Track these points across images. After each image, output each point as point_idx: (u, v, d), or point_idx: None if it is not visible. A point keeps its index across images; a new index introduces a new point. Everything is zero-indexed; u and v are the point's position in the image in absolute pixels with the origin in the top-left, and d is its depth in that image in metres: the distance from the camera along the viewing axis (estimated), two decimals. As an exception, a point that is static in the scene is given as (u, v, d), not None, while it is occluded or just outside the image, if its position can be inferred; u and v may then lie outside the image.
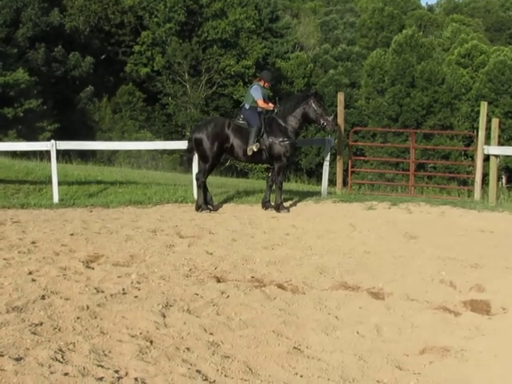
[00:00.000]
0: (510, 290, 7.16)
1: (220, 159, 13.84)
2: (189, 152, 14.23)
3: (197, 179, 13.75)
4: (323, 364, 5.27)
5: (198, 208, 13.37)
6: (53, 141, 15.08)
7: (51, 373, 4.89)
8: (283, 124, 13.31)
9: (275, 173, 13.50)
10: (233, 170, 40.15)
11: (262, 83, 13.67)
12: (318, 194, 15.64)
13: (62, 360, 5.17)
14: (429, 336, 5.89)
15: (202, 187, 13.48)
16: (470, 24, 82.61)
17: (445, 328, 6.10)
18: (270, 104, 13.64)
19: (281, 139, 13.21)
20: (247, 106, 13.41)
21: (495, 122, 14.86)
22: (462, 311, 6.64)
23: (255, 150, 13.09)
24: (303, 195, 15.57)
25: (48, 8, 49.01)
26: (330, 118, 13.34)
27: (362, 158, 38.19)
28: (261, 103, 13.37)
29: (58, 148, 15.02)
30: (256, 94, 13.44)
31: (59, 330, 5.92)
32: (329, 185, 16.09)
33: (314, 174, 50.58)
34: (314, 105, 13.31)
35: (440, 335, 5.91)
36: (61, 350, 5.37)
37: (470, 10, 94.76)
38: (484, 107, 14.93)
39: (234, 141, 13.24)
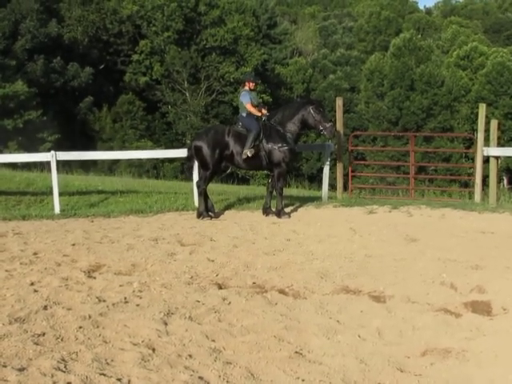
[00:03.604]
0: (511, 290, 7.16)
1: (221, 166, 13.87)
2: (189, 160, 14.26)
3: (198, 186, 13.78)
4: (325, 368, 5.28)
5: (200, 215, 13.40)
6: (53, 152, 15.11)
7: (54, 382, 4.91)
8: (282, 130, 13.34)
9: (275, 179, 13.52)
10: (234, 178, 40.17)
11: (247, 87, 13.70)
12: (319, 198, 15.66)
13: (64, 369, 5.18)
14: (430, 338, 5.90)
15: (203, 195, 13.51)
16: (468, 26, 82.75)
17: (446, 329, 6.11)
18: (263, 110, 13.64)
19: (280, 145, 13.23)
20: (244, 114, 13.49)
21: (494, 123, 14.87)
22: (463, 312, 6.65)
23: (249, 155, 13.12)
24: (304, 200, 15.59)
25: (46, 19, 49.14)
26: (329, 125, 13.34)
27: (362, 162, 38.26)
28: (249, 107, 13.41)
29: (59, 159, 15.06)
30: (244, 98, 13.54)
31: (62, 339, 5.94)
32: (330, 189, 16.10)
33: (316, 179, 50.56)
34: (312, 111, 13.32)
35: (441, 337, 5.92)
36: (63, 360, 5.38)
37: (467, 12, 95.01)
38: (483, 109, 14.94)
39: (234, 148, 13.28)
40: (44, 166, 21.01)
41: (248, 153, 13.11)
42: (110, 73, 55.00)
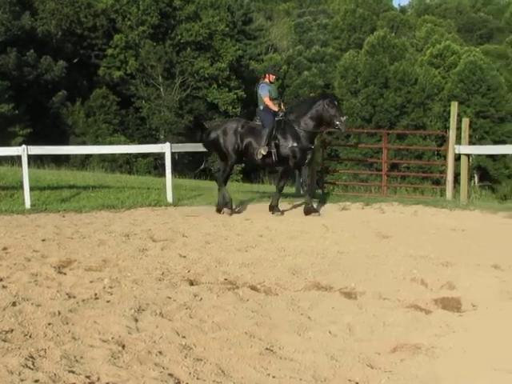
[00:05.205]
0: (481, 286, 7.24)
1: (239, 159, 13.70)
2: (206, 147, 14.26)
3: (217, 179, 13.81)
4: (295, 364, 5.27)
5: (219, 210, 13.35)
6: (24, 146, 14.97)
7: (21, 380, 4.84)
8: (296, 127, 13.09)
9: (279, 175, 13.44)
10: (206, 173, 40.11)
11: (267, 79, 13.52)
12: (292, 195, 15.67)
13: (32, 367, 5.12)
14: (400, 334, 5.92)
15: (223, 187, 13.51)
16: (441, 25, 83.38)
17: (416, 326, 6.14)
18: (282, 106, 13.46)
19: (290, 143, 13.03)
20: (261, 107, 13.35)
21: (465, 121, 15.00)
22: (433, 309, 6.69)
23: (264, 153, 12.96)
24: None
25: (19, 12, 48.64)
26: (344, 119, 13.02)
27: (336, 158, 38.39)
28: (266, 100, 13.23)
29: (30, 153, 14.90)
30: (262, 92, 13.35)
31: (30, 336, 5.87)
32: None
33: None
34: (327, 106, 12.98)
35: (411, 333, 5.95)
36: (31, 357, 5.32)
37: (441, 11, 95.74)
38: (455, 107, 15.06)
39: (248, 142, 13.18)
40: (15, 160, 20.77)
41: (262, 151, 12.95)
42: (84, 67, 54.61)
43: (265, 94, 13.27)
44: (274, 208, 13.26)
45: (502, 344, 5.55)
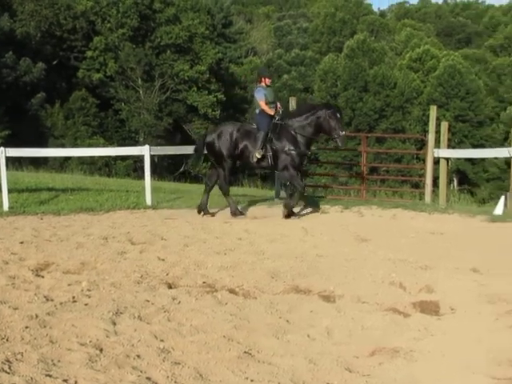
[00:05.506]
0: (459, 290, 7.27)
1: (235, 164, 13.55)
2: (196, 151, 14.12)
3: (221, 188, 13.52)
4: (274, 368, 5.26)
5: (234, 214, 13.19)
6: (2, 148, 14.86)
7: (-3, 384, 4.80)
8: (293, 132, 12.96)
9: (289, 183, 13.31)
10: (186, 176, 40.01)
11: (263, 83, 13.38)
12: (272, 198, 15.68)
13: (8, 371, 5.05)
14: (379, 338, 5.93)
15: (227, 194, 13.40)
16: (421, 29, 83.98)
17: (395, 329, 6.15)
18: (278, 108, 13.28)
19: (287, 148, 12.91)
20: (257, 111, 13.27)
21: (444, 125, 15.11)
22: (411, 312, 6.71)
23: (258, 156, 12.87)
24: (256, 200, 15.59)
25: (-2, 13, 48.31)
26: (342, 133, 12.88)
27: (315, 162, 38.50)
28: (262, 104, 13.10)
29: (8, 155, 14.79)
30: (258, 95, 13.25)
31: (7, 339, 5.81)
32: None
33: (269, 178, 50.69)
34: (328, 116, 12.80)
35: (390, 336, 5.96)
36: (8, 361, 5.26)
37: (421, 15, 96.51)
38: (433, 111, 15.15)
39: (244, 146, 13.07)
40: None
41: (257, 154, 12.86)
42: (63, 69, 54.19)
43: (260, 98, 13.16)
44: (289, 206, 13.10)
45: (481, 347, 5.57)
